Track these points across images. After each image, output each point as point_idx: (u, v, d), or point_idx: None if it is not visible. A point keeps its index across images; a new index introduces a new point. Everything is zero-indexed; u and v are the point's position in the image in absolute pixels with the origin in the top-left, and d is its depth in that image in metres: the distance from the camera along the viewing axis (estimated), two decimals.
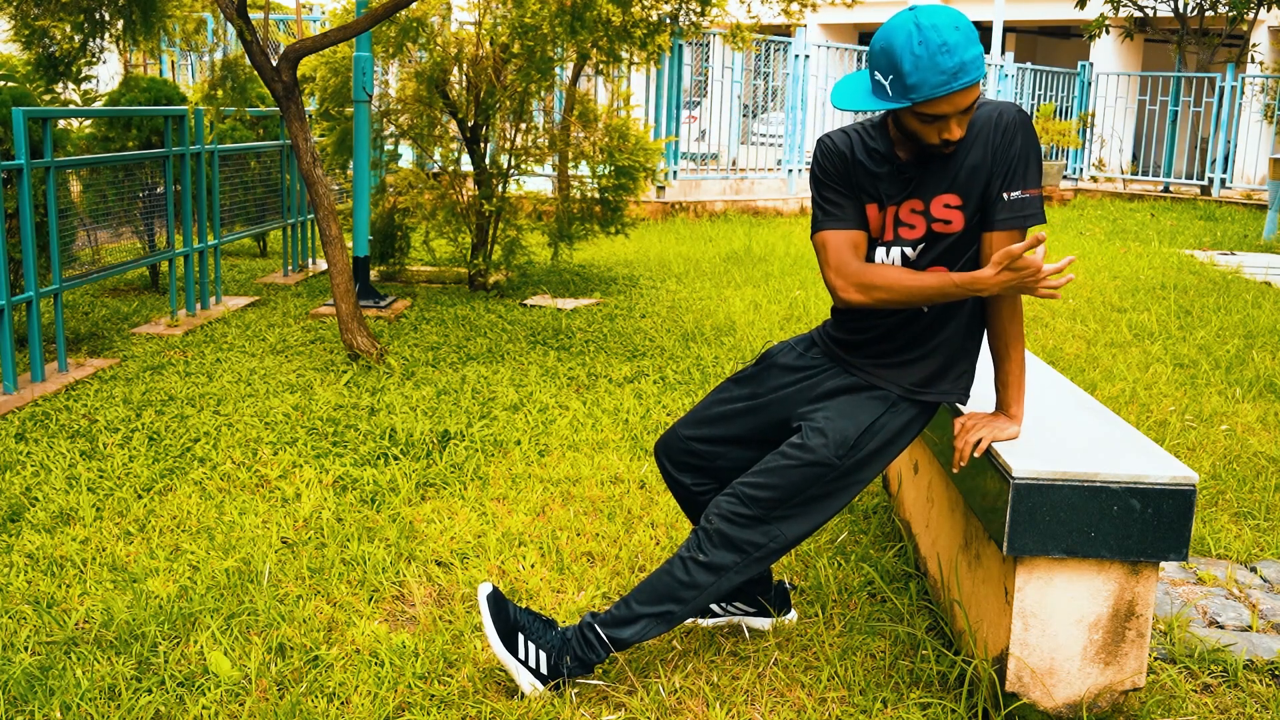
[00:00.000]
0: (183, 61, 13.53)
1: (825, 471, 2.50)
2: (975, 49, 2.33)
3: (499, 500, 3.83)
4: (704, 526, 2.54)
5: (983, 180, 2.44)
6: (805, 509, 2.52)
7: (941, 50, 2.29)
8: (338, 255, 5.59)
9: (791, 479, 2.49)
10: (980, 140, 2.44)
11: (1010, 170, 2.42)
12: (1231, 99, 15.72)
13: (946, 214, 2.48)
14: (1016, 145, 2.41)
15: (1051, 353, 6.07)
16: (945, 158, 2.46)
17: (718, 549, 2.51)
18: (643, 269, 8.84)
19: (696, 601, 2.53)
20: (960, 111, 2.36)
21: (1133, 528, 2.33)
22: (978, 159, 2.44)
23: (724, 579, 2.52)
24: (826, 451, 2.49)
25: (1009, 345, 2.50)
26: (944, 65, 2.29)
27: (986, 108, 2.47)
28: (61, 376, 5.17)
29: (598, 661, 2.56)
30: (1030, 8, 21.37)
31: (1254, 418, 4.92)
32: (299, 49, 5.57)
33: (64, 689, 2.55)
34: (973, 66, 2.32)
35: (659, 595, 2.53)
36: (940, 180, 2.47)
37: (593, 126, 7.87)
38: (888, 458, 2.60)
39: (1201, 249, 10.88)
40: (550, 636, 2.58)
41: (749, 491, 2.51)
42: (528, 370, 5.48)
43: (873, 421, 2.55)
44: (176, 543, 3.40)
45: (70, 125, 6.75)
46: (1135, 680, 2.44)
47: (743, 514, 2.51)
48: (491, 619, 2.57)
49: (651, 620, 2.54)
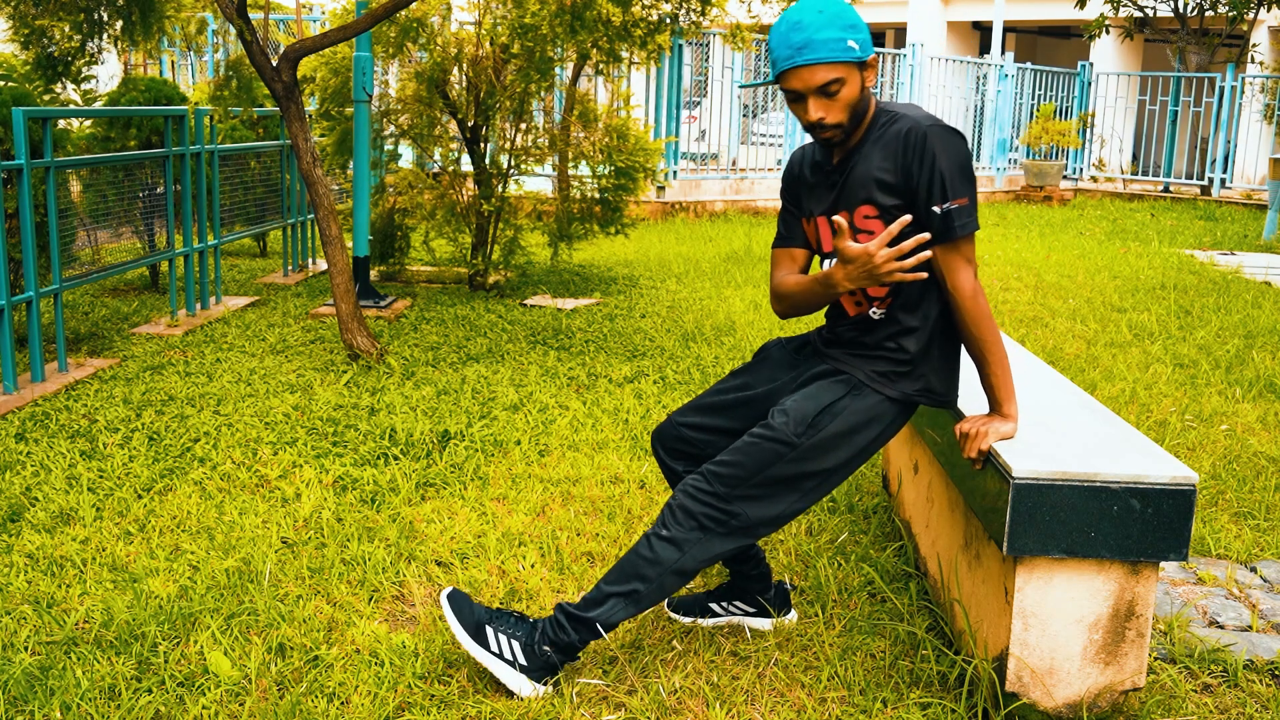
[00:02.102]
0: (182, 61, 13.53)
1: (785, 449, 2.52)
2: (832, 33, 2.39)
3: (499, 500, 3.83)
4: (669, 503, 2.57)
5: (897, 193, 2.48)
6: (768, 490, 2.54)
7: (794, 27, 2.40)
8: (338, 255, 5.59)
9: (753, 455, 2.53)
10: (886, 152, 2.48)
11: (930, 185, 2.43)
12: (1231, 99, 15.72)
13: (867, 224, 2.52)
14: (931, 160, 2.42)
15: (1051, 353, 6.07)
16: (856, 167, 2.52)
17: (679, 524, 2.53)
18: (643, 269, 8.84)
19: (661, 580, 2.53)
20: (814, 90, 2.43)
21: (1133, 528, 2.33)
22: (885, 171, 2.48)
23: (686, 555, 2.52)
24: (787, 429, 2.53)
25: (982, 351, 2.49)
26: (792, 40, 2.41)
27: (900, 122, 2.48)
28: (61, 376, 5.17)
29: (572, 642, 2.56)
30: (1030, 8, 21.37)
31: (1254, 418, 4.92)
32: (299, 49, 5.57)
33: (64, 689, 2.55)
34: (823, 46, 2.39)
35: (625, 574, 2.55)
36: (859, 190, 2.52)
37: (593, 126, 7.86)
38: (853, 447, 2.57)
39: (1201, 249, 10.88)
40: (521, 627, 2.60)
41: (713, 469, 2.55)
42: (528, 370, 5.48)
43: (833, 401, 2.56)
44: (176, 543, 3.40)
45: (70, 125, 6.75)
46: (1135, 680, 2.44)
47: (705, 490, 2.53)
48: (456, 618, 2.59)
49: (619, 599, 2.55)
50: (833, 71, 2.41)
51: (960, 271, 2.47)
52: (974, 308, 2.47)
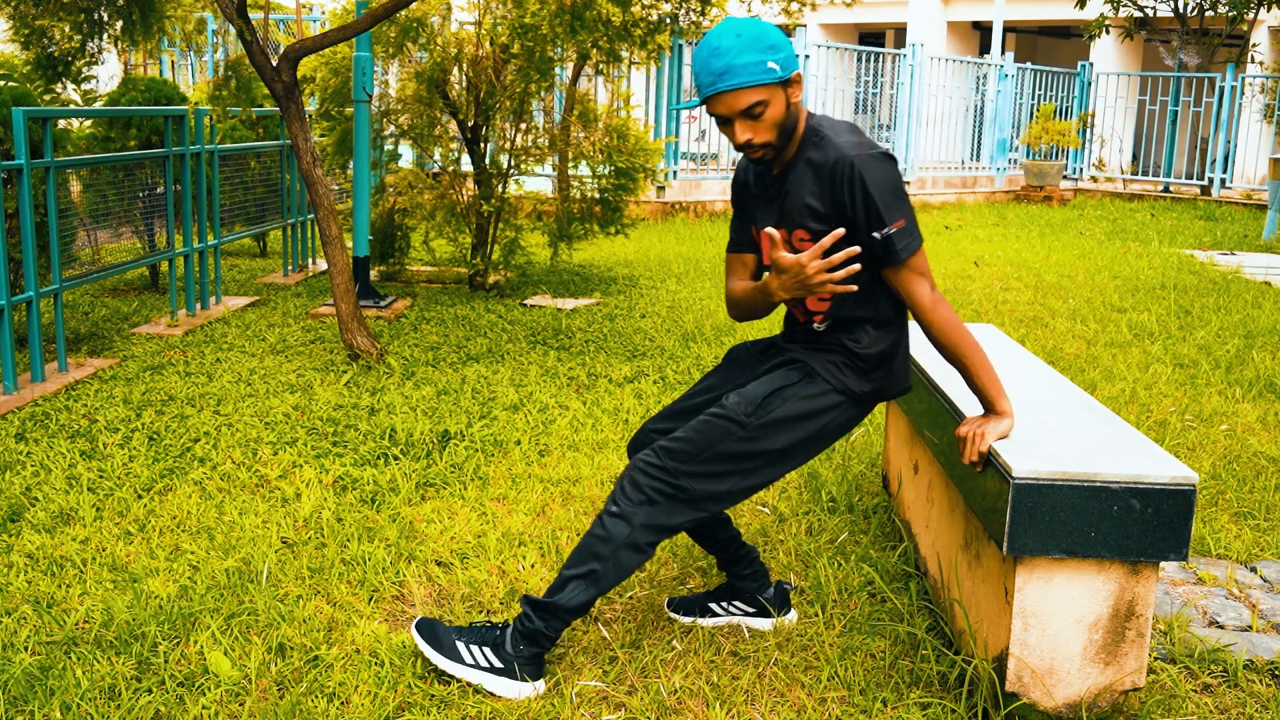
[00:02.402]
0: (182, 61, 13.53)
1: (735, 428, 2.56)
2: (752, 56, 2.41)
3: (499, 500, 3.83)
4: (619, 480, 2.60)
5: (829, 222, 2.51)
6: (716, 467, 2.57)
7: (714, 53, 2.44)
8: (338, 255, 5.59)
9: (702, 432, 2.57)
10: (818, 182, 2.50)
11: (866, 213, 2.45)
12: (1231, 99, 15.72)
13: (803, 246, 2.57)
14: (862, 190, 2.44)
15: (1051, 353, 6.07)
16: (789, 192, 2.56)
17: (628, 499, 2.56)
18: (643, 269, 8.84)
19: (617, 556, 2.55)
20: (739, 114, 2.47)
21: (1133, 528, 2.33)
22: (816, 200, 2.51)
23: (636, 529, 2.55)
24: (738, 409, 2.58)
25: (958, 356, 2.50)
26: (713, 66, 2.44)
27: (828, 149, 2.49)
28: (61, 376, 5.17)
29: (539, 630, 2.58)
30: (1030, 8, 21.37)
31: (1254, 418, 4.92)
32: (299, 49, 5.57)
33: (64, 689, 2.55)
34: (743, 71, 2.42)
35: (582, 556, 2.58)
36: (794, 214, 2.56)
37: (593, 126, 7.86)
38: (803, 432, 2.60)
39: (1201, 249, 10.88)
40: (490, 633, 2.64)
41: (664, 444, 2.59)
42: (528, 370, 5.48)
43: (784, 385, 2.61)
44: (176, 543, 3.40)
45: (70, 125, 6.75)
46: (1135, 680, 2.44)
47: (654, 464, 2.57)
48: (428, 643, 2.63)
49: (579, 581, 2.57)
50: (755, 94, 2.44)
51: (916, 287, 2.50)
52: (937, 318, 2.49)
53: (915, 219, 2.49)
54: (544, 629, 2.58)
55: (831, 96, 14.86)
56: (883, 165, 2.46)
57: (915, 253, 2.47)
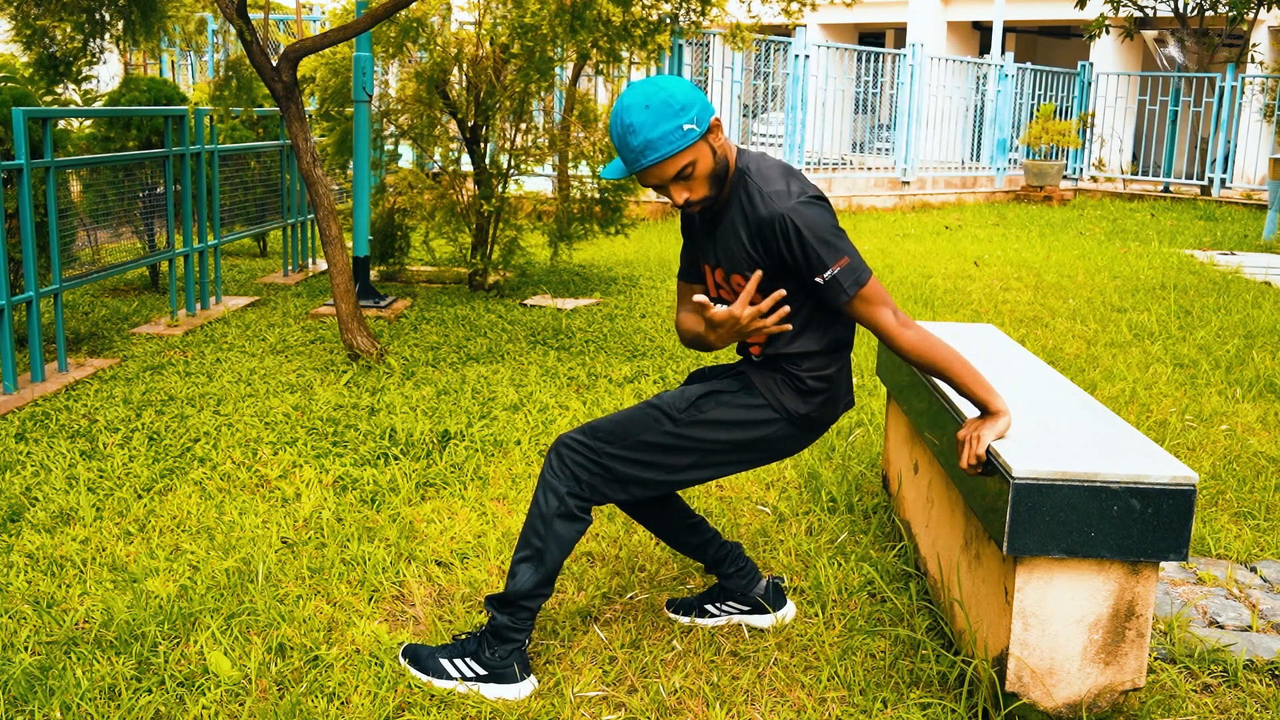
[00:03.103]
0: (183, 61, 13.53)
1: (663, 419, 2.60)
2: (666, 126, 2.40)
3: (499, 500, 3.83)
4: (546, 456, 2.65)
5: (770, 274, 2.52)
6: (640, 455, 2.59)
7: (628, 131, 2.42)
8: (338, 255, 5.59)
9: (631, 417, 2.62)
10: (752, 234, 2.51)
11: (808, 261, 2.46)
12: (1231, 99, 15.72)
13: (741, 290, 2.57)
14: (799, 241, 2.44)
15: (1051, 353, 6.07)
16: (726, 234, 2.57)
17: (553, 472, 2.61)
18: (643, 269, 8.84)
19: (553, 530, 2.58)
20: (671, 180, 2.47)
21: (1133, 528, 2.33)
22: (755, 252, 2.52)
23: (564, 500, 2.58)
24: (671, 402, 2.63)
25: (939, 369, 2.49)
26: (632, 144, 2.43)
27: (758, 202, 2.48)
28: (61, 376, 5.17)
29: (504, 624, 2.61)
30: (1030, 8, 21.38)
31: (1254, 418, 4.92)
32: (299, 49, 5.57)
33: (64, 689, 2.55)
34: (663, 143, 2.41)
35: (525, 539, 2.63)
36: (733, 260, 2.58)
37: (593, 126, 7.86)
38: (732, 440, 2.62)
39: (1201, 249, 10.88)
40: (467, 644, 2.66)
41: (593, 423, 2.64)
42: (528, 370, 5.48)
43: (721, 389, 2.65)
44: (176, 543, 3.40)
45: (70, 125, 6.75)
46: (1135, 680, 2.44)
47: (579, 440, 2.61)
48: (415, 667, 2.66)
49: (526, 564, 2.61)
50: (680, 160, 2.44)
51: (877, 315, 2.49)
52: (906, 341, 2.48)
53: (857, 252, 2.49)
54: (509, 622, 2.61)
55: (831, 96, 14.87)
56: (814, 210, 2.46)
57: (866, 284, 2.46)
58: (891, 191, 15.00)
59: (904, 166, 15.18)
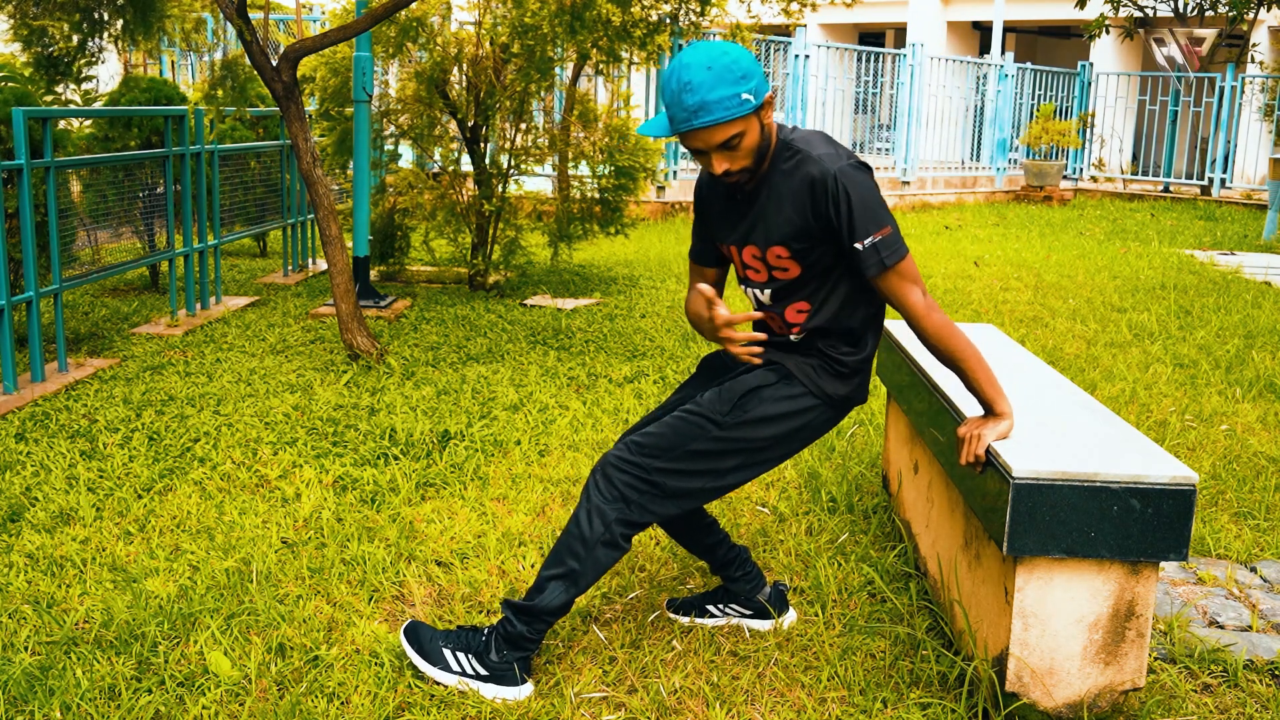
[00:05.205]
0: (183, 61, 13.53)
1: (708, 425, 2.56)
2: (724, 90, 2.37)
3: (499, 500, 3.83)
4: (591, 475, 2.59)
5: (810, 237, 2.49)
6: (689, 465, 2.55)
7: (685, 89, 2.38)
8: (338, 255, 5.59)
9: (675, 428, 2.57)
10: (796, 199, 2.49)
11: (850, 226, 2.44)
12: (1231, 99, 15.72)
13: (781, 263, 2.57)
14: (845, 203, 2.43)
15: (1051, 353, 6.07)
16: (764, 209, 2.54)
17: (602, 495, 2.55)
18: (643, 269, 8.84)
19: (593, 555, 2.54)
20: (715, 148, 2.43)
21: (1133, 528, 2.33)
22: (797, 216, 2.49)
23: (611, 527, 2.53)
24: (712, 405, 2.58)
25: (955, 360, 2.49)
26: (686, 103, 2.39)
27: (806, 165, 2.47)
28: (61, 376, 5.17)
29: (520, 633, 2.58)
30: (1030, 8, 21.37)
31: (1254, 418, 4.92)
32: (299, 49, 5.57)
33: (64, 689, 2.55)
34: (718, 107, 2.37)
35: (559, 556, 2.57)
36: (771, 230, 2.54)
37: (593, 126, 7.86)
38: (777, 434, 2.59)
39: (1201, 249, 10.88)
40: (475, 638, 2.63)
41: (636, 439, 2.58)
42: (528, 370, 5.48)
43: (760, 385, 2.60)
44: (176, 543, 3.40)
45: (70, 125, 6.75)
46: (1135, 680, 2.44)
47: (627, 459, 2.56)
48: (414, 650, 2.63)
49: (558, 582, 2.56)
50: (731, 129, 2.41)
51: (907, 294, 2.48)
52: (932, 324, 2.48)
53: (898, 226, 2.48)
54: (526, 632, 2.58)
55: (831, 96, 14.86)
56: (862, 175, 2.45)
57: (903, 259, 2.46)
58: (891, 191, 15.00)
59: (904, 166, 15.18)
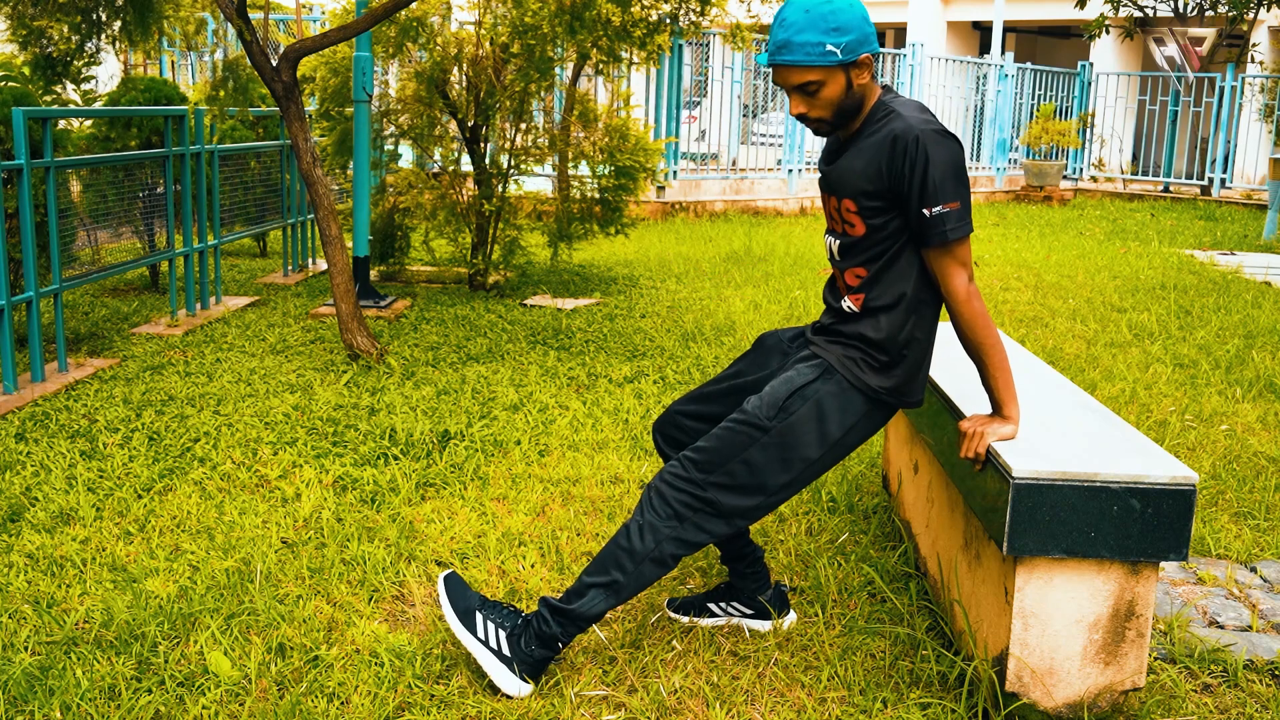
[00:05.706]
0: (182, 61, 13.52)
1: (756, 433, 2.52)
2: (811, 36, 2.38)
3: (499, 500, 3.83)
4: (646, 490, 2.58)
5: (880, 195, 2.47)
6: (742, 476, 2.53)
7: (780, 24, 2.42)
8: (338, 255, 5.59)
9: (725, 440, 2.53)
10: (870, 155, 2.47)
11: (922, 189, 2.42)
12: (1231, 99, 15.71)
13: (849, 218, 2.55)
14: (923, 165, 2.40)
15: (1051, 353, 6.07)
16: (845, 161, 2.53)
17: (655, 511, 2.54)
18: (643, 269, 8.83)
19: (640, 569, 2.53)
20: (792, 88, 2.45)
21: (1133, 528, 2.33)
22: (869, 173, 2.47)
23: (662, 545, 2.53)
24: (759, 412, 2.53)
25: (980, 353, 2.49)
26: (776, 37, 2.43)
27: (893, 122, 2.46)
28: (61, 376, 5.17)
29: (554, 634, 2.57)
30: (1030, 8, 21.37)
31: (1254, 418, 4.92)
32: (299, 49, 5.57)
33: (64, 689, 2.55)
34: (799, 49, 2.39)
35: (604, 565, 2.56)
36: (846, 182, 2.53)
37: (593, 126, 7.86)
38: (825, 436, 2.54)
39: (1201, 249, 10.88)
40: (511, 619, 2.63)
41: (689, 454, 2.55)
42: (528, 370, 5.48)
43: (804, 384, 2.56)
44: (176, 543, 3.40)
45: (70, 125, 6.75)
46: (1135, 680, 2.44)
47: (680, 475, 2.54)
48: (449, 600, 2.62)
49: (599, 590, 2.55)
50: (808, 74, 2.42)
51: (954, 275, 2.47)
52: (969, 311, 2.47)
53: (970, 207, 2.45)
54: (560, 634, 2.58)
55: None
56: (948, 143, 2.42)
57: (962, 239, 2.44)
58: None
59: None
